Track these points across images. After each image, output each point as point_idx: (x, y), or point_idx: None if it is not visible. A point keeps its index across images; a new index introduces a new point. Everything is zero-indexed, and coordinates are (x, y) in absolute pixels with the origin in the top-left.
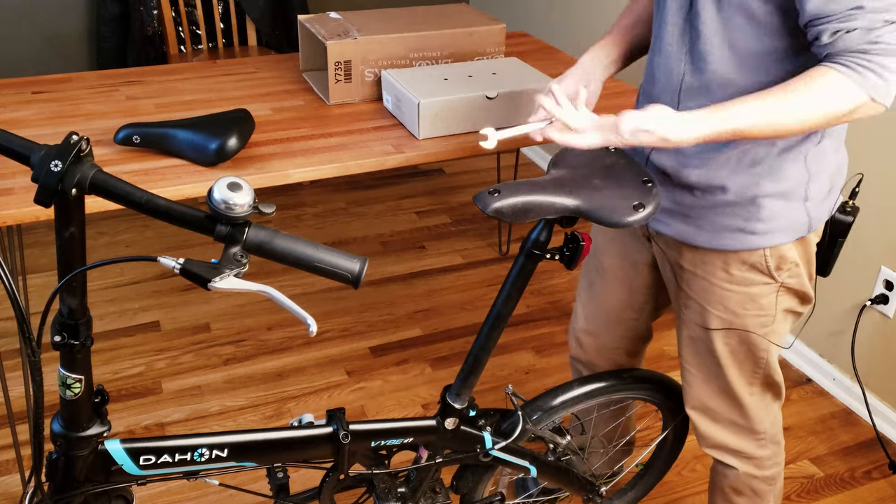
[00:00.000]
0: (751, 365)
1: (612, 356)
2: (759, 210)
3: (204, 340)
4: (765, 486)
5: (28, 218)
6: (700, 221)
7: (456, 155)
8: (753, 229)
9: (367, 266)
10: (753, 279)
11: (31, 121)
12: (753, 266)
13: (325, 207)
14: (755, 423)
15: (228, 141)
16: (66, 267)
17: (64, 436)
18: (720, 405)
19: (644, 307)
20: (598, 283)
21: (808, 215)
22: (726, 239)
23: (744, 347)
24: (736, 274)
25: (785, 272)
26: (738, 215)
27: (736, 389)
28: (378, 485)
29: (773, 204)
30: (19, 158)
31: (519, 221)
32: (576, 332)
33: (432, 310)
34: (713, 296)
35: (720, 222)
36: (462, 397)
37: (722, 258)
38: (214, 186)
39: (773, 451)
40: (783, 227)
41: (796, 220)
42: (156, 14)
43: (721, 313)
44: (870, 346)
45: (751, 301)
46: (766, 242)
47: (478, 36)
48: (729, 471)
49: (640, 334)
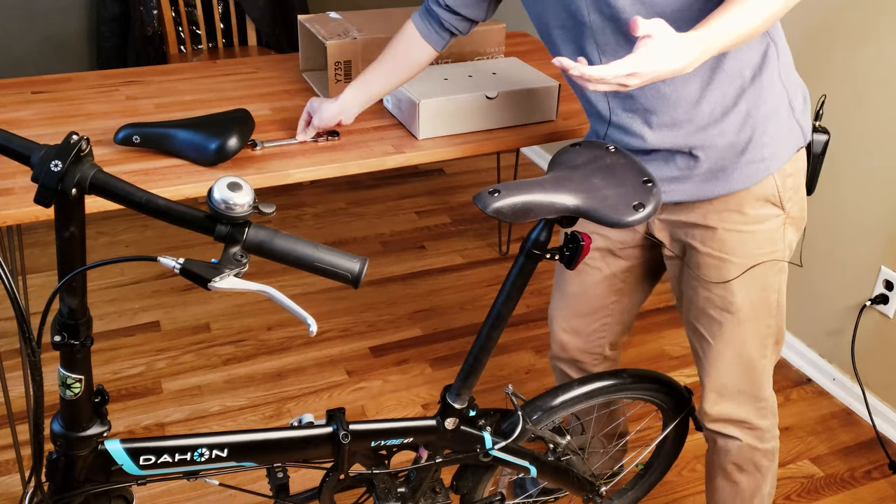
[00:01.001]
0: (766, 317)
1: (595, 351)
2: (761, 136)
3: (204, 340)
4: (765, 462)
5: (28, 218)
6: (708, 174)
7: (456, 155)
8: (761, 156)
9: (367, 266)
10: (767, 214)
11: (31, 121)
12: (767, 199)
13: (325, 207)
14: (760, 389)
15: (228, 141)
16: (66, 267)
17: (64, 436)
18: (734, 375)
19: (625, 288)
20: (574, 278)
21: (799, 125)
22: (738, 179)
23: (762, 295)
24: (750, 213)
25: (789, 200)
26: (744, 151)
27: (751, 351)
28: (378, 485)
29: (770, 125)
30: (19, 158)
31: (519, 221)
32: (556, 332)
33: (432, 310)
34: (729, 244)
35: (728, 166)
36: (462, 397)
37: (736, 200)
38: (214, 186)
39: (771, 423)
40: (784, 144)
41: (792, 131)
42: (156, 14)
43: (740, 258)
44: (870, 345)
45: (766, 238)
46: (775, 165)
47: (478, 36)
48: (731, 443)
49: (623, 320)
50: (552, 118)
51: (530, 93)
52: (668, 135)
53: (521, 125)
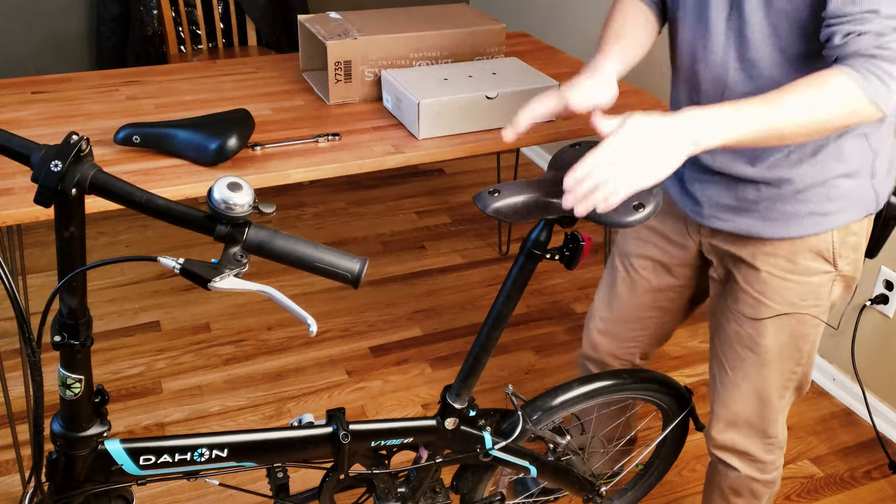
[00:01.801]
0: (792, 363)
1: (626, 357)
2: (830, 191)
3: (204, 340)
4: (763, 489)
5: (28, 218)
6: (767, 213)
7: (456, 155)
8: (825, 210)
9: (367, 266)
10: (816, 268)
11: (31, 121)
12: (819, 253)
13: (325, 207)
14: (770, 427)
15: (228, 141)
16: (66, 267)
17: (64, 436)
18: (746, 407)
19: (669, 307)
20: (623, 283)
21: (875, 191)
22: (796, 226)
23: (792, 342)
24: (800, 263)
25: (844, 258)
26: (808, 200)
27: (770, 391)
28: (378, 485)
29: (843, 183)
30: (19, 158)
31: (519, 221)
32: (590, 332)
33: (432, 310)
34: (772, 287)
35: (789, 210)
36: (462, 397)
37: (789, 247)
38: (214, 186)
39: (776, 456)
40: (853, 205)
41: (864, 196)
42: (156, 14)
43: (778, 305)
44: (870, 346)
45: (811, 292)
46: (837, 222)
47: (478, 36)
48: (731, 472)
49: (660, 334)
50: (552, 118)
51: (530, 93)
52: (737, 161)
53: None
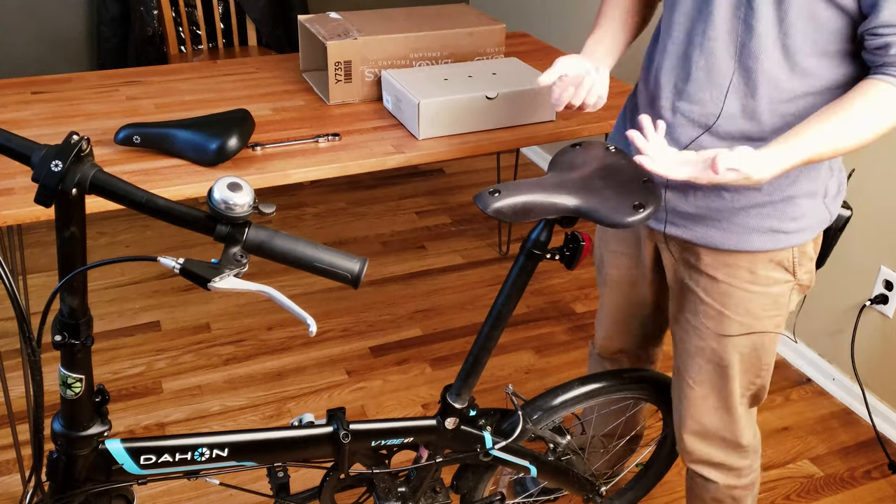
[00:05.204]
0: (752, 375)
1: (633, 354)
2: (794, 209)
3: (204, 340)
4: (744, 493)
5: (28, 218)
6: (728, 224)
7: (456, 155)
8: (787, 228)
9: (366, 266)
10: (777, 278)
11: (31, 121)
12: (780, 264)
13: (325, 207)
14: (741, 437)
15: (228, 141)
16: (67, 267)
17: (64, 435)
18: (715, 421)
19: (649, 307)
20: (603, 284)
21: (828, 210)
22: (757, 240)
23: (754, 354)
24: (761, 274)
25: (803, 267)
26: (771, 216)
27: (733, 402)
28: (378, 484)
29: (804, 202)
30: (20, 158)
31: (519, 221)
32: (598, 338)
33: (432, 310)
34: (733, 299)
35: (751, 223)
36: (462, 397)
37: (748, 259)
38: (214, 186)
39: (752, 460)
40: (811, 225)
41: (820, 215)
42: (156, 14)
43: (742, 317)
44: (869, 345)
45: (772, 301)
46: (796, 241)
47: (478, 36)
48: (710, 484)
49: (649, 334)
50: (552, 118)
51: (530, 93)
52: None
53: (521, 125)
